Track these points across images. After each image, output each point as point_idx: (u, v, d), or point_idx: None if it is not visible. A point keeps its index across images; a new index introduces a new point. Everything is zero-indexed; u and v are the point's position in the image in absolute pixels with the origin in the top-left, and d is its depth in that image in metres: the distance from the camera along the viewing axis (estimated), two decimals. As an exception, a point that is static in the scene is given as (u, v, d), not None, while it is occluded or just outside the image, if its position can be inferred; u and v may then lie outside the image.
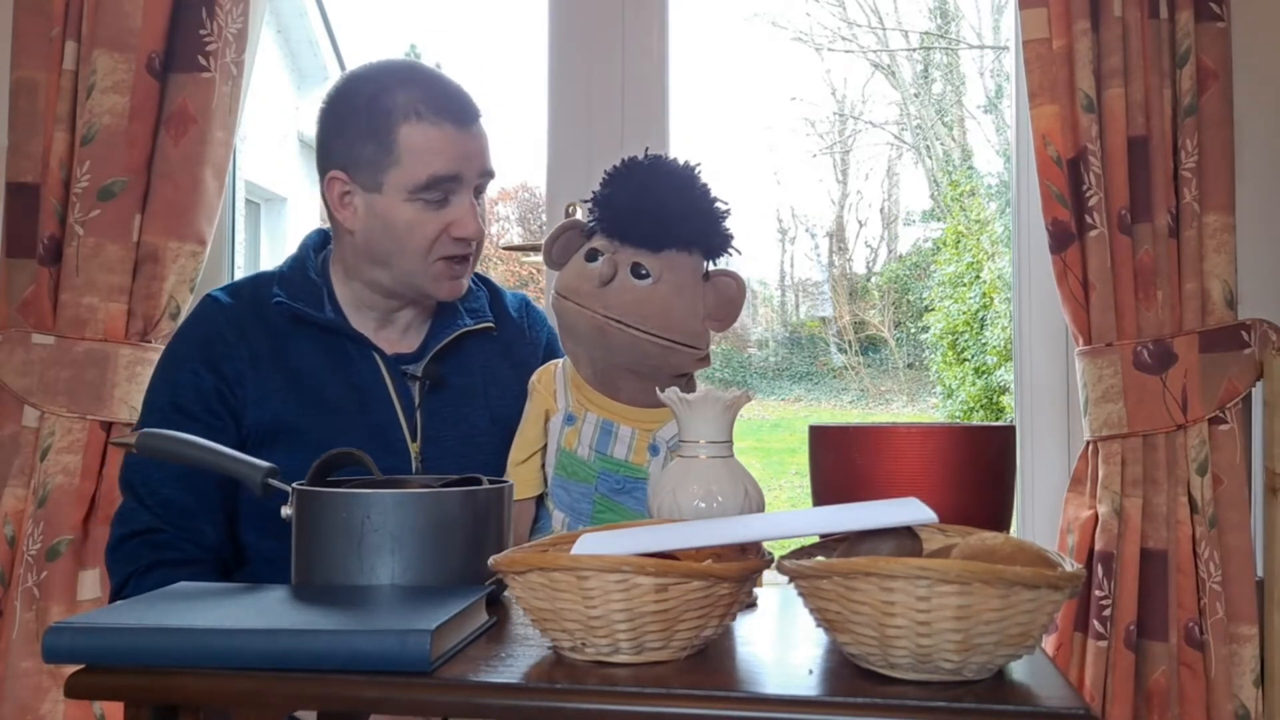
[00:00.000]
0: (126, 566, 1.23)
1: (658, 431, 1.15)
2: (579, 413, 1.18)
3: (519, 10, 8.04)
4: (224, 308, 1.31)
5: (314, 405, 1.27)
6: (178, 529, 1.24)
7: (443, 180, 1.25)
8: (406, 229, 1.26)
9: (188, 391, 1.27)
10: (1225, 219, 1.62)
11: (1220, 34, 1.62)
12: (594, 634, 0.77)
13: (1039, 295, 1.82)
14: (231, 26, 1.70)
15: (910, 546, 0.83)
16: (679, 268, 1.12)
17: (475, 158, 1.27)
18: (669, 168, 1.14)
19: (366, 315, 1.34)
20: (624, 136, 1.88)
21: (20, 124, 1.66)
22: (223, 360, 1.27)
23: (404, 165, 1.24)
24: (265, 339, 1.29)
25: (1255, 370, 1.61)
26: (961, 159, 8.15)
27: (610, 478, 1.15)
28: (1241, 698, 1.58)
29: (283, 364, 1.28)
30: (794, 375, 8.52)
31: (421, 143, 1.24)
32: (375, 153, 1.25)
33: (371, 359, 1.31)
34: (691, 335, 1.12)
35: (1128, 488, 1.62)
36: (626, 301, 1.10)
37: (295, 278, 1.33)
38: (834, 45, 8.22)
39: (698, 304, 1.13)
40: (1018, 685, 0.74)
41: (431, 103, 1.25)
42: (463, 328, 1.36)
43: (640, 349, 1.11)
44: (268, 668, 0.77)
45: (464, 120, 1.27)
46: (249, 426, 1.26)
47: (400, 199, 1.25)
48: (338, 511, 0.94)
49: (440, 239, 1.27)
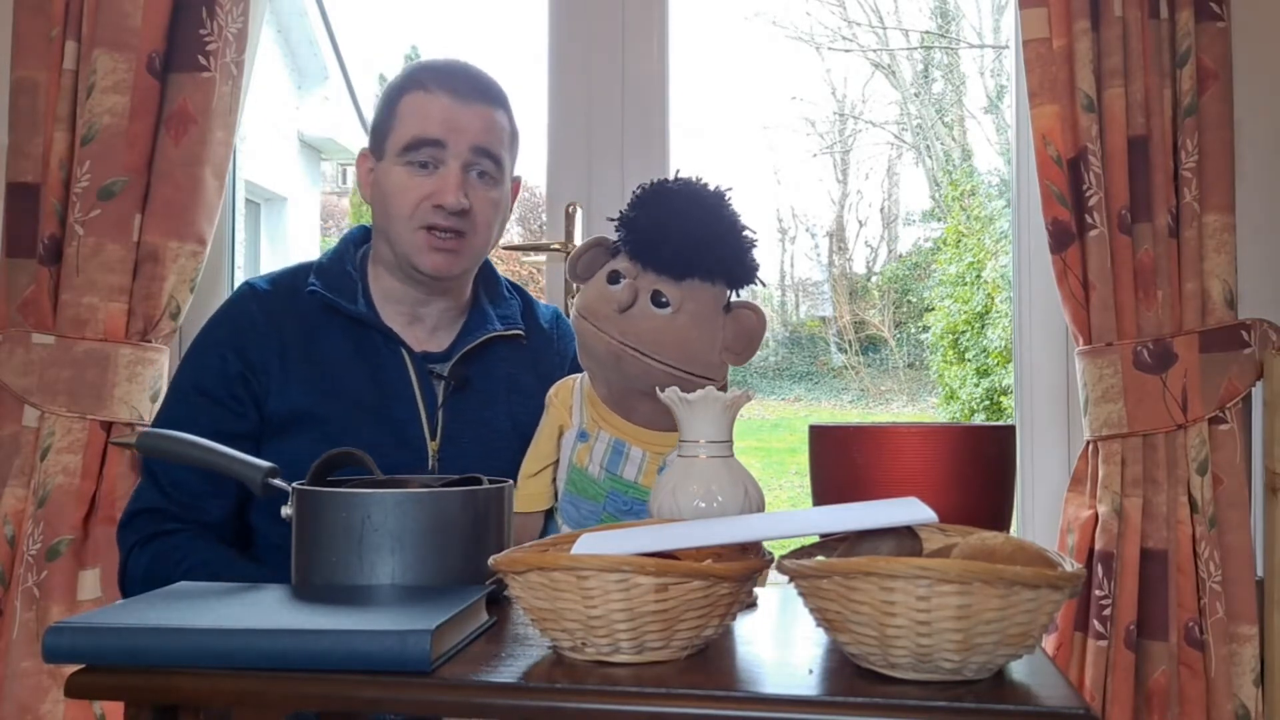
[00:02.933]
0: (130, 538, 1.27)
1: (669, 455, 1.14)
2: (592, 430, 1.17)
3: (519, 10, 8.04)
4: (259, 295, 1.35)
5: (336, 396, 1.29)
6: (182, 507, 1.27)
7: (426, 143, 1.29)
8: (394, 192, 1.31)
9: (212, 375, 1.30)
10: (1225, 219, 1.62)
11: (1220, 34, 1.62)
12: (594, 634, 0.77)
13: (1039, 295, 1.82)
14: (231, 26, 1.70)
15: (910, 546, 0.83)
16: (700, 298, 1.11)
17: (467, 130, 1.30)
18: (697, 194, 1.12)
19: (396, 310, 1.37)
20: (624, 136, 1.88)
21: (20, 124, 1.66)
22: (250, 347, 1.30)
23: (397, 129, 1.31)
24: (296, 328, 1.32)
25: (1255, 370, 1.61)
26: (961, 159, 8.15)
27: (619, 498, 1.15)
28: (1241, 697, 1.58)
29: (311, 353, 1.31)
30: (794, 375, 8.53)
31: (414, 107, 1.30)
32: (382, 122, 1.33)
33: (399, 354, 1.33)
34: (707, 367, 1.11)
35: (1128, 487, 1.62)
36: (644, 330, 1.09)
37: (333, 269, 1.37)
38: (834, 45, 8.23)
39: (716, 336, 1.12)
40: (1018, 685, 0.74)
41: (437, 76, 1.31)
42: (492, 331, 1.38)
43: (654, 378, 1.09)
44: (268, 668, 0.77)
45: (463, 93, 1.30)
46: (270, 413, 1.29)
47: (393, 163, 1.31)
48: (338, 511, 0.94)
49: (422, 205, 1.30)
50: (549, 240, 1.88)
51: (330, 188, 7.83)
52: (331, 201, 7.95)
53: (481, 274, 1.45)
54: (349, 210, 7.91)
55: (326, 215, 7.58)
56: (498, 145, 1.33)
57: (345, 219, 7.90)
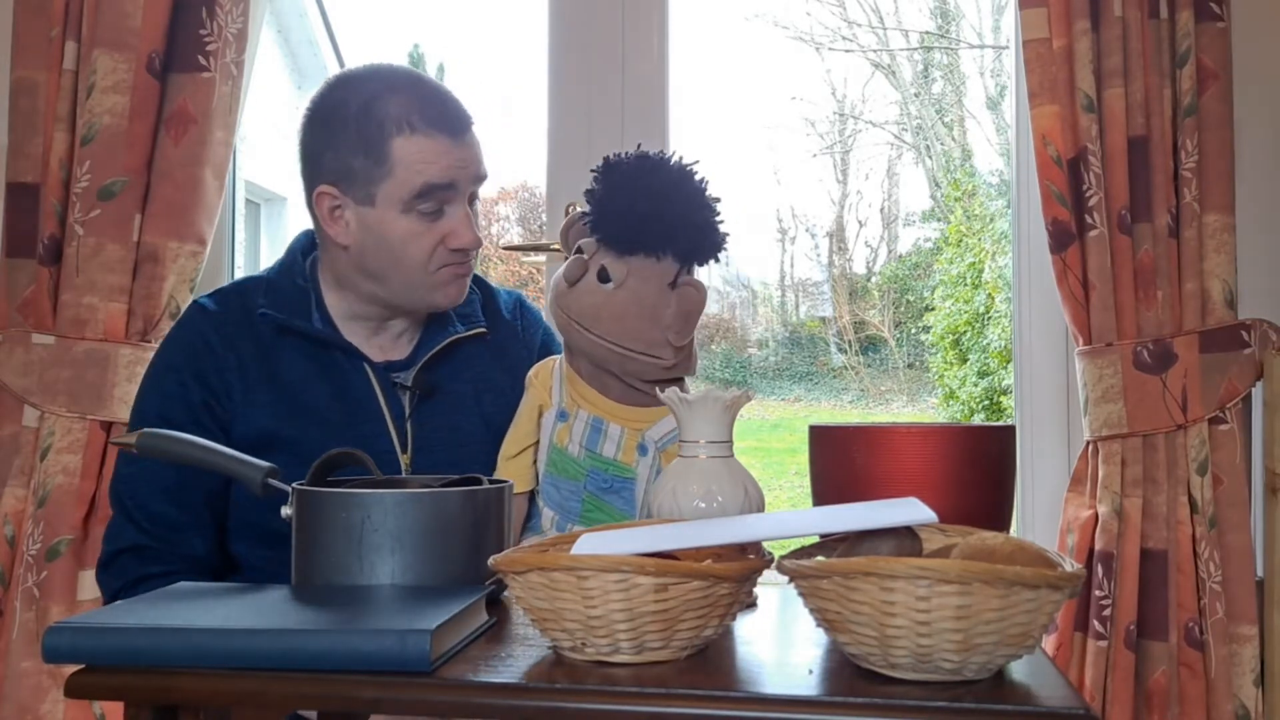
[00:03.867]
0: (115, 582, 1.23)
1: (647, 431, 1.14)
2: (571, 409, 1.17)
3: (519, 10, 8.04)
4: (211, 316, 1.29)
5: (301, 416, 1.25)
6: (165, 543, 1.23)
7: (436, 189, 1.23)
8: (402, 242, 1.24)
9: (176, 403, 1.25)
10: (1225, 219, 1.62)
11: (1220, 34, 1.62)
12: (594, 634, 0.77)
13: (1039, 295, 1.82)
14: (231, 26, 1.70)
15: (910, 546, 0.83)
16: (644, 274, 1.11)
17: (469, 165, 1.26)
18: (651, 168, 1.11)
19: (358, 325, 1.32)
20: (624, 136, 1.88)
21: (20, 124, 1.67)
22: (210, 372, 1.26)
23: (397, 177, 1.22)
24: (252, 348, 1.27)
25: (1255, 370, 1.61)
26: (962, 159, 8.15)
27: (599, 476, 1.15)
28: (1241, 698, 1.58)
29: (270, 374, 1.26)
30: (794, 375, 8.53)
31: (415, 154, 1.22)
32: (367, 166, 1.22)
33: (361, 369, 1.29)
34: (650, 345, 1.11)
35: (1128, 488, 1.62)
36: (585, 304, 1.11)
37: (282, 284, 1.31)
38: (834, 45, 8.23)
39: (660, 313, 1.11)
40: (1018, 685, 0.74)
41: (424, 113, 1.23)
42: (454, 334, 1.34)
43: (598, 354, 1.12)
44: (268, 668, 0.77)
45: (457, 130, 1.25)
46: (237, 437, 1.24)
47: (394, 211, 1.23)
48: (338, 511, 0.94)
49: (437, 251, 1.25)
50: (549, 240, 1.88)
51: (330, 188, 7.80)
52: (331, 201, 7.92)
53: None
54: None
55: (326, 215, 7.56)
56: (484, 165, 1.30)
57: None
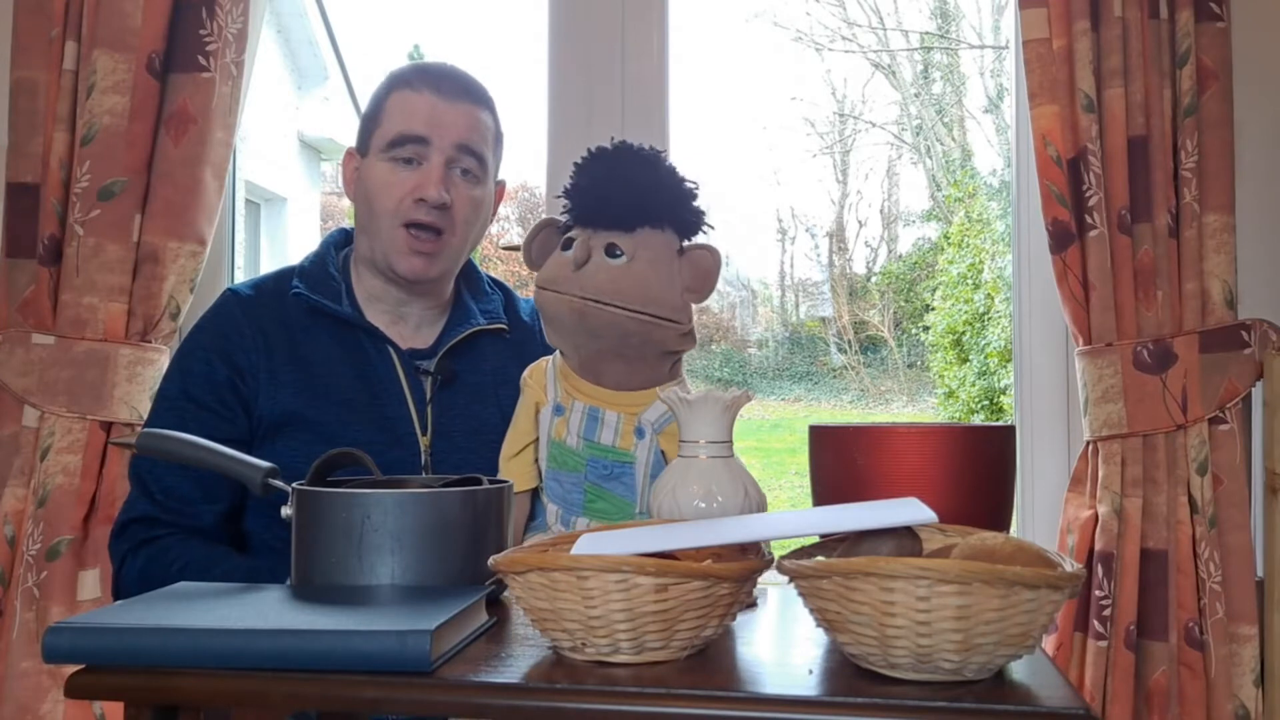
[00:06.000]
0: (123, 547, 1.28)
1: (642, 414, 1.15)
2: (567, 403, 1.18)
3: (519, 10, 8.05)
4: (243, 300, 1.35)
5: (325, 397, 1.30)
6: (175, 514, 1.27)
7: (410, 139, 1.30)
8: (377, 187, 1.32)
9: (200, 381, 1.30)
10: (1225, 219, 1.62)
11: (1220, 34, 1.62)
12: (594, 634, 0.77)
13: (1039, 295, 1.82)
14: (231, 26, 1.70)
15: (910, 546, 0.83)
16: (653, 244, 1.13)
17: (451, 127, 1.32)
18: (634, 151, 1.16)
19: (379, 309, 1.38)
20: (624, 136, 1.87)
21: (20, 124, 1.66)
22: (236, 351, 1.31)
23: (382, 125, 1.33)
24: (281, 331, 1.33)
25: (1255, 370, 1.61)
26: (962, 159, 8.15)
27: (599, 464, 1.15)
28: (1241, 698, 1.58)
29: (297, 356, 1.31)
30: (794, 375, 8.52)
31: (400, 105, 1.33)
32: (368, 120, 1.36)
33: (386, 353, 1.34)
34: (672, 309, 1.13)
35: (1128, 488, 1.62)
36: (602, 280, 1.10)
37: (315, 272, 1.38)
38: (834, 45, 8.23)
39: (675, 278, 1.13)
40: (1018, 685, 0.74)
41: (423, 75, 1.33)
42: (475, 326, 1.40)
43: (621, 327, 1.11)
44: (268, 668, 0.77)
45: (448, 91, 1.32)
46: (259, 417, 1.29)
47: (377, 159, 1.33)
48: (338, 511, 0.94)
49: (404, 201, 1.31)
50: (549, 240, 1.88)
51: (330, 188, 7.83)
52: (331, 202, 7.95)
53: (463, 271, 1.46)
54: (348, 211, 7.90)
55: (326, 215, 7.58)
56: (481, 143, 1.35)
57: (345, 219, 7.89)
